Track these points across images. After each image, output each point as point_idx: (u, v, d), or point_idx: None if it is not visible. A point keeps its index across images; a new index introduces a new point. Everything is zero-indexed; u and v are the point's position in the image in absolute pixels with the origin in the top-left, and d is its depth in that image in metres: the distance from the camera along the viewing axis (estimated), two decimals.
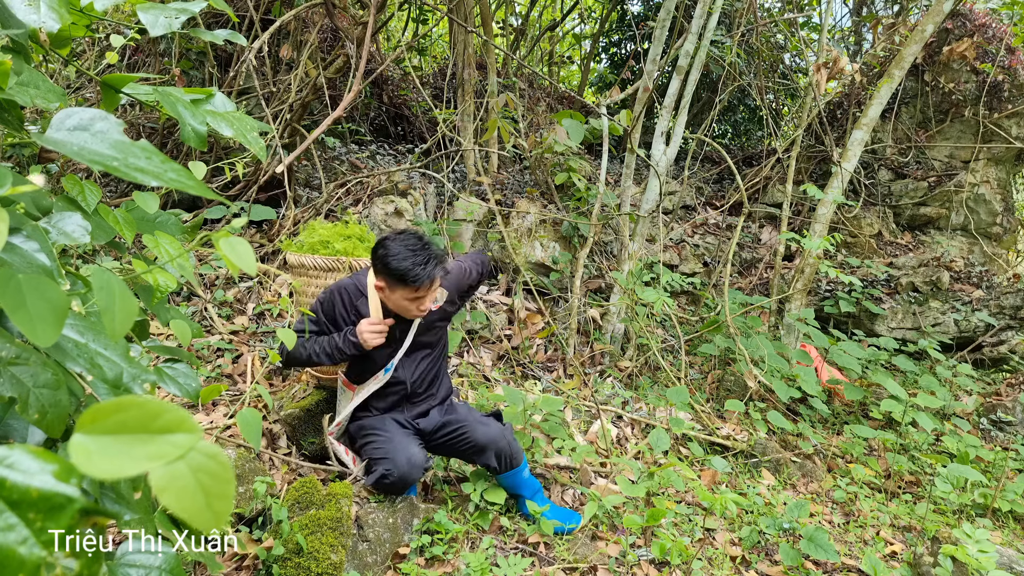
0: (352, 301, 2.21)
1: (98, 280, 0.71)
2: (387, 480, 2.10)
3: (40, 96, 0.81)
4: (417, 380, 2.31)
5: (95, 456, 0.40)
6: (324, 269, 2.47)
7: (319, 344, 2.17)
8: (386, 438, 2.19)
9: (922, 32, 3.94)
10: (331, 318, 2.22)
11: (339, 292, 2.22)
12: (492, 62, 4.77)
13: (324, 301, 2.24)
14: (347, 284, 2.23)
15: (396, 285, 2.04)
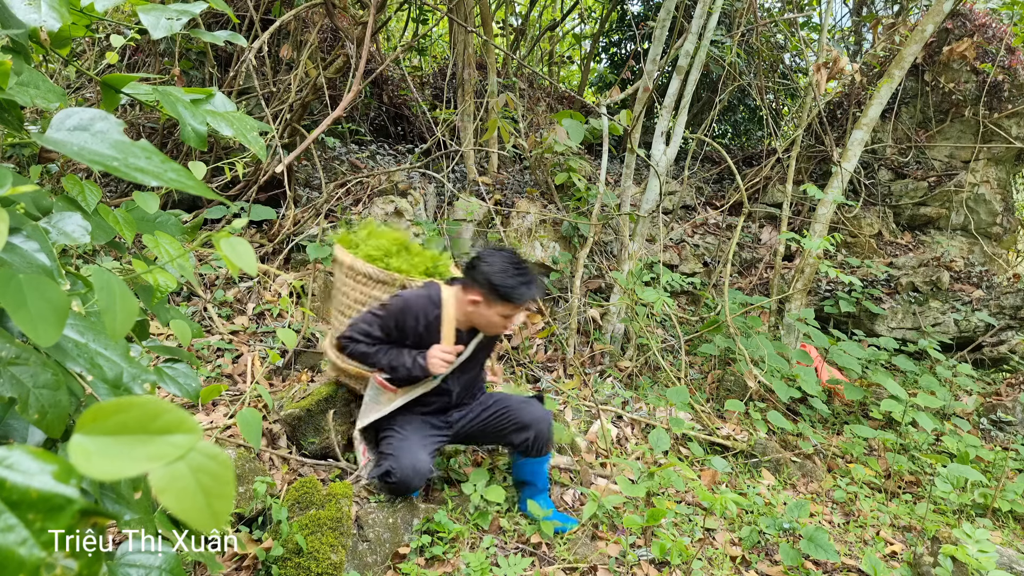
0: (427, 315, 2.18)
1: (98, 280, 0.71)
2: (389, 479, 2.12)
3: (40, 96, 0.81)
4: (463, 391, 2.34)
5: (95, 457, 0.40)
6: (376, 280, 2.39)
7: (386, 355, 2.16)
8: (401, 438, 2.20)
9: (922, 32, 3.94)
10: (401, 327, 2.18)
11: (414, 304, 2.18)
12: (492, 62, 4.77)
13: (397, 312, 2.18)
14: (421, 296, 2.20)
15: (496, 302, 2.06)
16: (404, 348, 2.19)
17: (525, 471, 2.38)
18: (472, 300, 2.10)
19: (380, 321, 2.17)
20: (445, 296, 2.19)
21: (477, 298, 2.08)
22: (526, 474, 2.38)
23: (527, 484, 2.41)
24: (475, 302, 2.10)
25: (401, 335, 2.19)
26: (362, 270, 2.38)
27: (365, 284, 2.40)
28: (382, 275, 2.37)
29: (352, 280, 2.42)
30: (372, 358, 2.17)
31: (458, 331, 2.21)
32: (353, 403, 2.59)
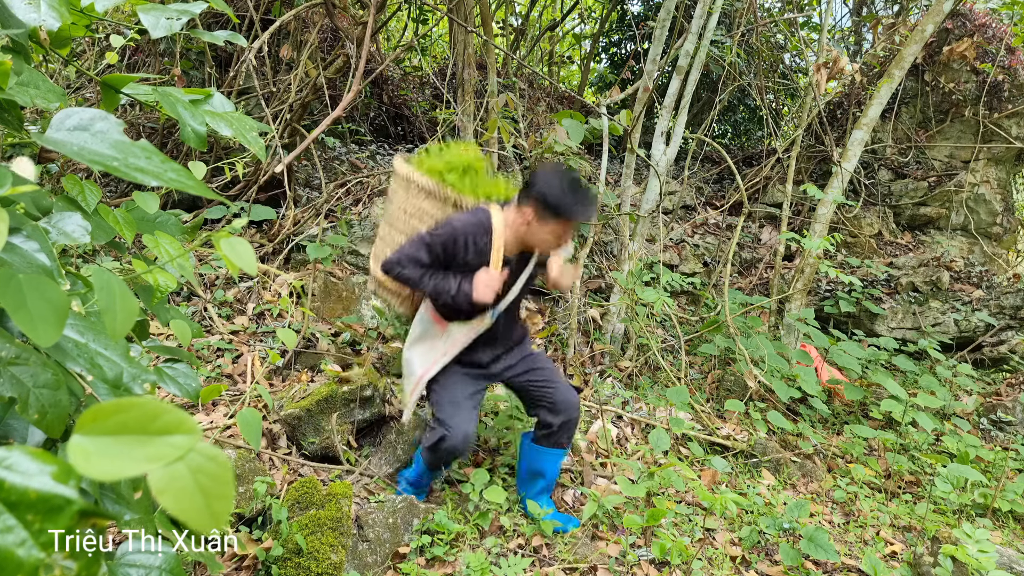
0: (476, 242, 2.11)
1: (98, 280, 0.71)
2: (442, 446, 2.13)
3: (40, 96, 0.81)
4: (506, 326, 2.28)
5: (94, 457, 0.40)
6: (428, 193, 2.30)
7: (432, 279, 2.10)
8: (452, 402, 2.19)
9: (922, 32, 3.94)
10: (450, 253, 2.11)
11: (463, 230, 2.11)
12: (492, 62, 4.77)
13: (447, 238, 2.10)
14: (471, 222, 2.12)
15: (550, 219, 2.01)
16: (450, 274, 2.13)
17: (539, 461, 2.34)
18: (526, 218, 2.05)
19: (428, 247, 2.10)
20: (495, 221, 2.11)
21: (531, 216, 2.04)
22: (539, 464, 2.34)
23: (536, 475, 2.36)
24: (528, 220, 2.05)
25: (449, 261, 2.12)
26: (416, 180, 2.29)
27: (416, 196, 2.31)
28: (435, 189, 2.28)
29: (404, 191, 2.34)
30: (418, 283, 2.11)
31: (506, 259, 2.14)
32: (353, 403, 2.59)
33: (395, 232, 2.29)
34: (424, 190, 2.27)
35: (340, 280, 3.50)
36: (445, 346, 2.23)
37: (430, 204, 2.27)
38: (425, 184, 2.27)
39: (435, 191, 2.25)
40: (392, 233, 2.31)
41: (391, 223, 2.37)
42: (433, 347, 2.25)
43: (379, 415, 2.69)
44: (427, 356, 2.26)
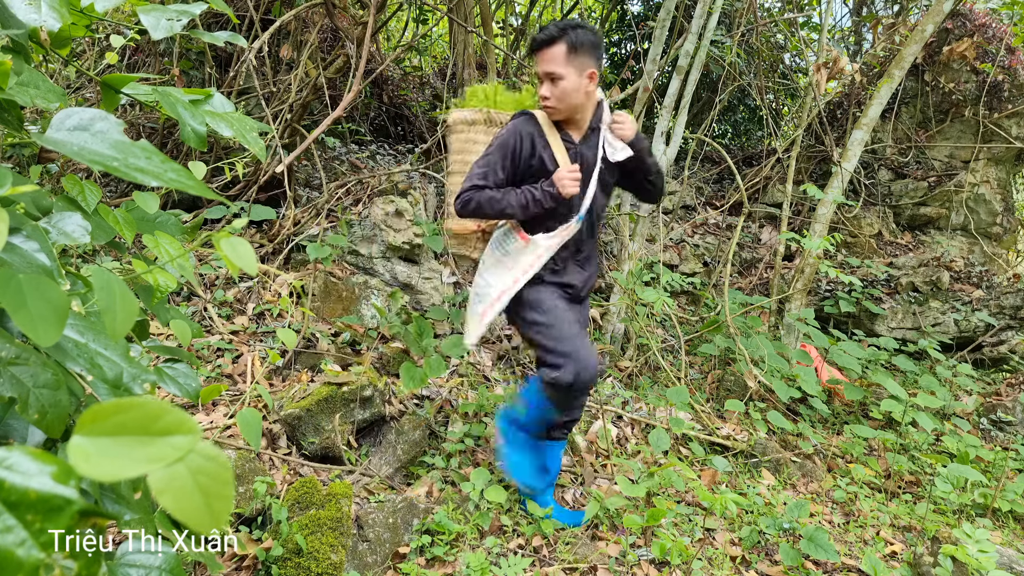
0: (531, 137, 2.00)
1: (98, 280, 0.71)
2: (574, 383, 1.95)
3: (40, 96, 0.81)
4: (589, 237, 2.15)
5: (94, 458, 0.40)
6: (470, 123, 2.26)
7: (511, 195, 1.97)
8: (568, 331, 2.01)
9: (922, 32, 3.94)
10: (514, 160, 1.99)
11: (514, 129, 2.01)
12: (492, 62, 4.77)
13: (503, 144, 1.99)
14: (516, 121, 2.03)
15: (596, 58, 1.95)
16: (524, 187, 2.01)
17: (545, 456, 2.21)
18: (591, 75, 1.95)
19: (489, 162, 1.99)
20: (538, 114, 2.03)
21: (594, 71, 1.95)
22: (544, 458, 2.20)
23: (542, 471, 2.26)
24: (592, 76, 1.95)
25: (516, 171, 2.01)
26: (458, 118, 2.27)
27: (461, 131, 2.28)
28: (474, 114, 2.23)
29: (453, 134, 2.30)
30: (499, 203, 1.97)
31: (569, 146, 2.03)
32: (353, 403, 2.59)
33: (454, 177, 2.26)
34: (466, 121, 2.24)
35: (340, 280, 3.50)
36: (531, 258, 2.06)
37: (476, 131, 2.22)
38: (468, 116, 2.23)
39: (475, 117, 2.22)
40: (452, 180, 2.27)
41: (451, 172, 2.33)
42: (515, 263, 2.08)
43: (379, 415, 2.69)
44: (507, 274, 2.07)
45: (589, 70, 1.96)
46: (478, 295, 2.11)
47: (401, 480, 2.54)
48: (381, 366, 3.10)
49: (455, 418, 2.93)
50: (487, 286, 2.09)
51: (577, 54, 1.92)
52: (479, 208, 1.99)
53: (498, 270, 2.10)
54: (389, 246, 3.74)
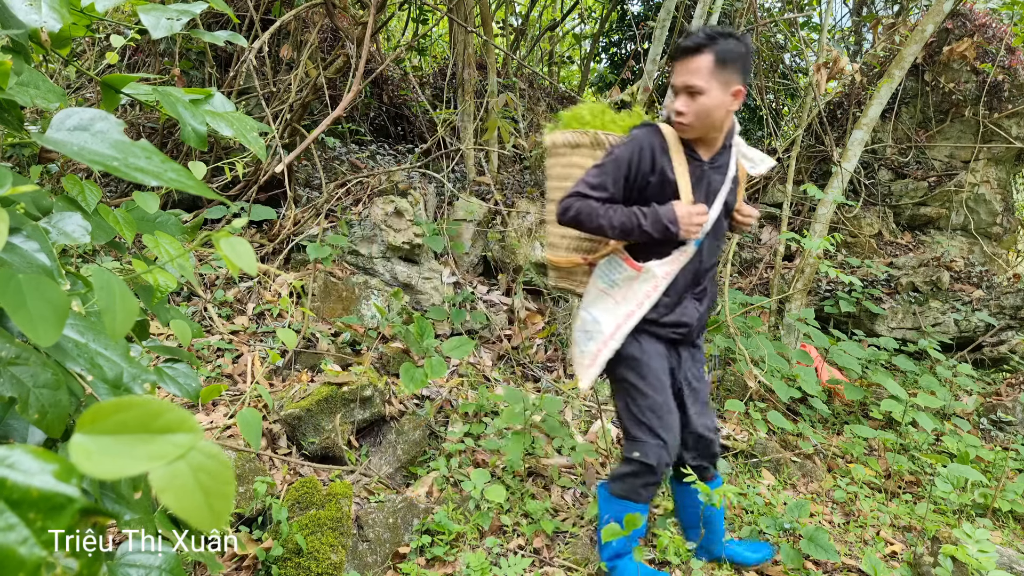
0: (654, 151, 1.81)
1: (98, 280, 0.71)
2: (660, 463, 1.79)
3: (40, 96, 0.81)
4: (708, 264, 1.93)
5: (95, 456, 0.40)
6: (573, 145, 2.04)
7: (619, 212, 1.77)
8: (662, 403, 1.84)
9: (922, 32, 3.94)
10: (633, 173, 1.80)
11: (641, 139, 1.81)
12: (492, 62, 4.77)
13: (625, 153, 1.80)
14: (643, 132, 1.83)
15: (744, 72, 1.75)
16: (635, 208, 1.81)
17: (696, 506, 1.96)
18: (735, 92, 1.75)
19: (602, 172, 1.80)
20: (664, 128, 1.84)
21: (740, 88, 1.75)
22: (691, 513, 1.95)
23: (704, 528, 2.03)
24: (738, 93, 1.75)
25: (630, 186, 1.82)
26: (560, 140, 2.07)
27: (563, 155, 2.06)
28: (578, 136, 2.01)
29: (553, 158, 2.09)
30: (600, 217, 1.77)
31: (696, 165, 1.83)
32: (353, 403, 2.59)
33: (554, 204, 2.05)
34: (569, 144, 2.02)
35: (340, 280, 3.50)
36: (646, 288, 1.85)
37: (581, 155, 1.99)
38: (570, 138, 2.02)
39: (582, 139, 2.00)
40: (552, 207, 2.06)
41: (550, 198, 2.13)
42: (625, 295, 1.88)
43: (379, 415, 2.70)
44: (619, 308, 1.87)
45: (735, 87, 1.75)
46: (586, 332, 1.91)
47: (401, 480, 2.54)
48: (381, 366, 3.10)
49: (455, 418, 2.93)
50: (594, 322, 1.89)
51: (724, 68, 1.71)
52: (577, 217, 1.81)
53: (605, 304, 1.91)
54: (389, 246, 3.74)
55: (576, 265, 2.05)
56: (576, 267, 2.06)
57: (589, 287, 1.97)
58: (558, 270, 2.13)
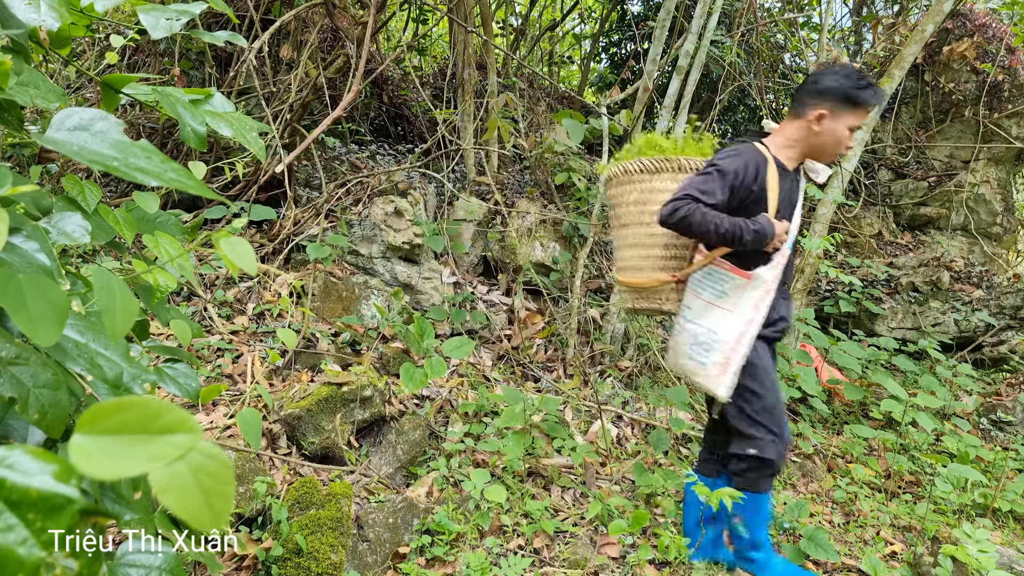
0: (759, 171, 1.90)
1: (98, 280, 0.71)
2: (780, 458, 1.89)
3: (40, 96, 0.81)
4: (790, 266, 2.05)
5: (95, 456, 0.40)
6: (652, 171, 2.03)
7: (727, 221, 1.83)
8: (776, 402, 1.93)
9: (922, 32, 3.94)
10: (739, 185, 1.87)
11: (746, 153, 1.91)
12: (492, 62, 4.77)
13: (740, 167, 1.87)
14: (753, 152, 1.93)
15: (846, 110, 1.88)
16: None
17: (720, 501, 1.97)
18: (818, 116, 1.90)
19: (709, 180, 1.85)
20: (761, 145, 1.96)
21: (824, 112, 1.89)
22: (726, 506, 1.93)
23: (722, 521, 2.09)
24: (821, 118, 1.90)
25: (733, 196, 1.88)
26: (638, 166, 2.05)
27: (642, 180, 2.05)
28: (659, 162, 2.00)
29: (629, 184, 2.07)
30: (711, 222, 1.81)
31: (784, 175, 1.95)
32: (353, 403, 2.59)
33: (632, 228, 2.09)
34: (650, 169, 2.02)
35: (340, 280, 3.50)
36: (759, 293, 1.92)
37: (662, 180, 2.01)
38: (650, 163, 2.02)
39: (664, 164, 2.01)
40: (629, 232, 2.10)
41: (624, 223, 2.14)
42: (738, 303, 1.92)
43: (379, 415, 2.69)
44: (733, 316, 1.92)
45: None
46: (702, 344, 1.94)
47: (401, 480, 2.54)
48: (381, 366, 3.10)
49: (455, 418, 2.93)
50: (710, 333, 1.93)
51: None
52: (687, 219, 1.82)
53: (716, 314, 1.94)
54: (389, 246, 3.74)
55: (663, 284, 2.08)
56: (663, 286, 2.09)
57: (691, 301, 2.00)
58: (640, 291, 2.14)
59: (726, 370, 1.91)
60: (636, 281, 2.12)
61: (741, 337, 1.91)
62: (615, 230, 2.21)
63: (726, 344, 1.91)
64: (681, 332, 2.01)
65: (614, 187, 2.17)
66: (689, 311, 2.00)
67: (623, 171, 2.09)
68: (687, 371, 1.99)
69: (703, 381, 1.95)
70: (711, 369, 1.92)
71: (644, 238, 2.09)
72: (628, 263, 2.16)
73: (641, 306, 2.17)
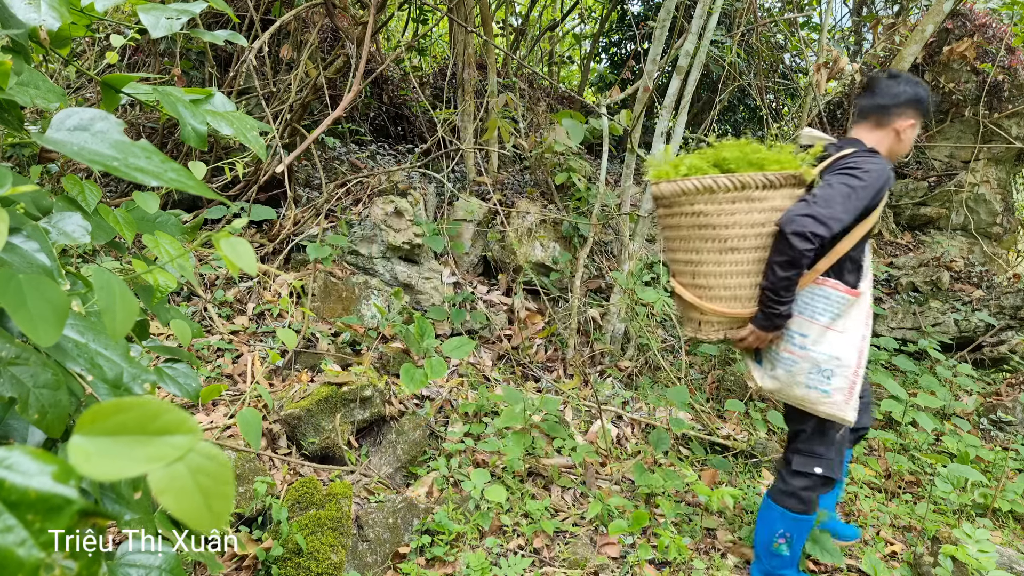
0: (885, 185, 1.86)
1: (98, 280, 0.71)
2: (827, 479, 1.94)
3: (40, 96, 0.81)
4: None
5: (94, 457, 0.40)
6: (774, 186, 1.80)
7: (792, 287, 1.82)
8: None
9: (922, 32, 3.94)
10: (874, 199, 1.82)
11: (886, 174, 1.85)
12: (492, 62, 4.77)
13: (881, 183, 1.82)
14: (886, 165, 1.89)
15: (920, 117, 1.95)
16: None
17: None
18: (910, 125, 1.95)
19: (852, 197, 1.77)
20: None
21: (914, 122, 1.95)
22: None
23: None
24: (912, 127, 1.96)
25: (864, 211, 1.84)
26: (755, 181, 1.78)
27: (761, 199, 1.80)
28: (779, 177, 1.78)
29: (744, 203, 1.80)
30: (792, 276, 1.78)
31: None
32: (353, 403, 2.59)
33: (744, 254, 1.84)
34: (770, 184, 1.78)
35: (340, 280, 3.50)
36: (863, 308, 1.88)
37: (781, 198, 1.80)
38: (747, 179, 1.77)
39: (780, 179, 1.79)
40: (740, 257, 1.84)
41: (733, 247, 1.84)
42: (847, 323, 1.86)
43: (379, 415, 2.69)
44: (847, 336, 1.85)
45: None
46: (824, 371, 1.85)
47: (401, 480, 2.54)
48: (381, 366, 3.10)
49: (455, 418, 2.93)
50: (834, 359, 1.84)
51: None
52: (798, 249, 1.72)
53: (833, 338, 1.85)
54: (389, 246, 3.74)
55: (744, 316, 1.91)
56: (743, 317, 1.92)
57: (804, 327, 1.87)
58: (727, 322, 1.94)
59: (852, 394, 1.84)
60: (744, 313, 1.89)
61: (860, 357, 1.85)
62: (709, 253, 1.88)
63: (848, 368, 1.83)
64: (796, 361, 1.88)
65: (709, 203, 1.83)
66: (804, 337, 1.87)
67: (733, 184, 1.79)
68: (806, 400, 1.88)
69: (827, 409, 1.86)
70: (836, 396, 1.84)
71: (755, 264, 1.85)
72: (730, 292, 1.89)
73: (733, 336, 1.95)
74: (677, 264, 1.97)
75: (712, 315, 1.91)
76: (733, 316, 1.89)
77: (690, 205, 1.84)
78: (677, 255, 1.95)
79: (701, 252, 1.88)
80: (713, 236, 1.85)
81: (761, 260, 1.83)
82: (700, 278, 1.90)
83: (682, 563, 2.20)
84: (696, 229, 1.86)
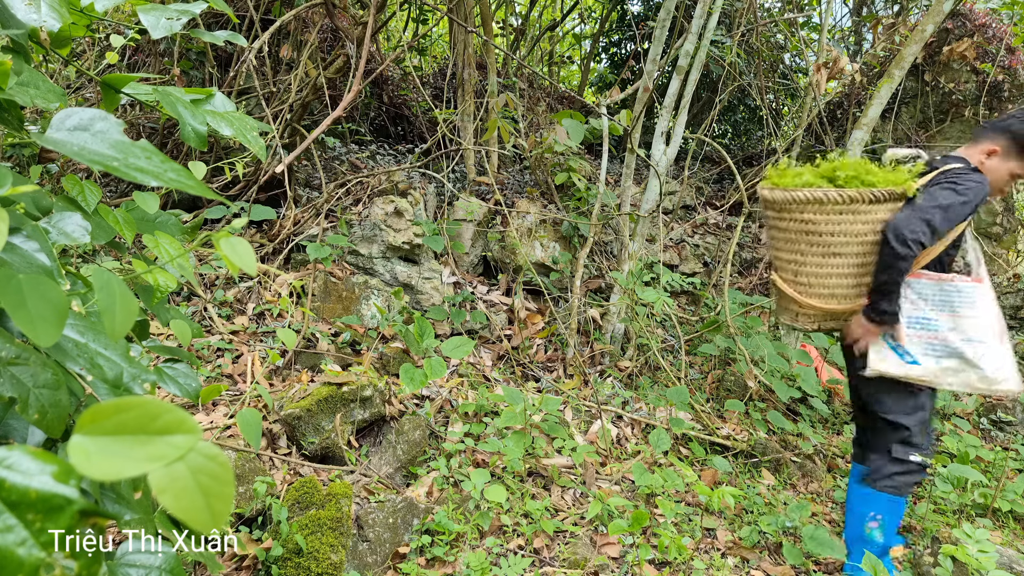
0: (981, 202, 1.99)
1: (98, 280, 0.71)
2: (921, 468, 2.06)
3: (40, 96, 0.81)
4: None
5: (94, 457, 0.40)
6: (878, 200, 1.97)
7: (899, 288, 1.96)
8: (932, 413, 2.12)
9: (922, 32, 3.94)
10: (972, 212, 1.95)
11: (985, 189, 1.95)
12: (492, 62, 4.77)
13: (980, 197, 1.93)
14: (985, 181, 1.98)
15: (1015, 156, 1.98)
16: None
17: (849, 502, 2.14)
18: (990, 151, 2.00)
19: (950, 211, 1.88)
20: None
21: (996, 149, 1.99)
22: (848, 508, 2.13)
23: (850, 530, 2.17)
24: (992, 153, 2.00)
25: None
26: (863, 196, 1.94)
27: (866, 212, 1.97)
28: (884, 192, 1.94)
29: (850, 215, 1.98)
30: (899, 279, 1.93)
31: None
32: (353, 403, 2.59)
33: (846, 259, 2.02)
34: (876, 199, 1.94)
35: (340, 280, 3.50)
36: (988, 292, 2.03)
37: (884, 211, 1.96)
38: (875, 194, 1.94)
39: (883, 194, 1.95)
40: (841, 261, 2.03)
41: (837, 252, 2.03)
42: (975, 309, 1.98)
43: (379, 415, 2.69)
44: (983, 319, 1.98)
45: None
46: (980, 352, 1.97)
47: (401, 480, 2.54)
48: (381, 366, 3.10)
49: (455, 418, 2.93)
50: (981, 342, 1.96)
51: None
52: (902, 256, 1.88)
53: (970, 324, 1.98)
54: (389, 246, 3.74)
55: (853, 311, 2.09)
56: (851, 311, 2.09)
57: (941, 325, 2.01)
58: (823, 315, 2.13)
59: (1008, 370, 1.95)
60: (840, 308, 2.09)
61: (1003, 335, 1.97)
62: (813, 256, 2.07)
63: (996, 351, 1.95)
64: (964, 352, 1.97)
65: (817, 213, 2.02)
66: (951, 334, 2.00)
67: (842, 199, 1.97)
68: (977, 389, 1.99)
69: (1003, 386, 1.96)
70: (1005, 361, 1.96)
71: (854, 268, 2.05)
72: (829, 290, 2.09)
73: (826, 326, 2.16)
74: (780, 261, 2.16)
75: (810, 309, 2.13)
76: (829, 311, 2.10)
77: (799, 213, 2.04)
78: (781, 254, 2.15)
79: (806, 255, 2.09)
80: (818, 242, 2.05)
81: (860, 264, 2.02)
82: (802, 276, 2.11)
83: (682, 563, 2.20)
84: (803, 235, 2.07)
